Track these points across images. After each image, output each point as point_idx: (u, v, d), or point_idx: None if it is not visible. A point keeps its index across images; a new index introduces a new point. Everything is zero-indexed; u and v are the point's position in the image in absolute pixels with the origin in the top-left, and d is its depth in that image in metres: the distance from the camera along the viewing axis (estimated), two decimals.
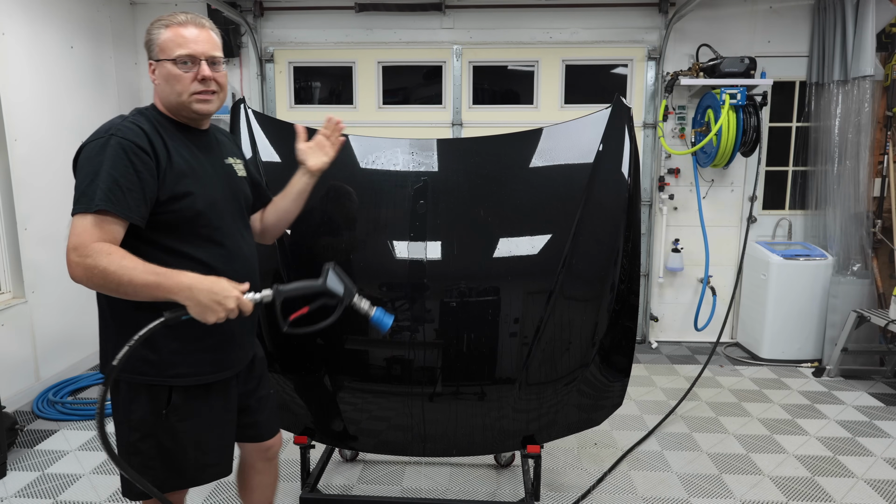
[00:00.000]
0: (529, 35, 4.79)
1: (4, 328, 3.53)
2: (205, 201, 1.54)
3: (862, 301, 4.30)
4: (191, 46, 1.53)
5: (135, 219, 1.42)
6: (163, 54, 1.55)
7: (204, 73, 1.54)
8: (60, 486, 2.79)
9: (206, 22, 1.60)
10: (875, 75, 4.33)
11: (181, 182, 1.50)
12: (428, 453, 2.41)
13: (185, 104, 1.55)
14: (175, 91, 1.54)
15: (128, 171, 1.41)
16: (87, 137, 1.48)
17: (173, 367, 1.54)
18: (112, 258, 1.36)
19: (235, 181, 1.70)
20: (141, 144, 1.44)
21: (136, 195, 1.41)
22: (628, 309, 2.29)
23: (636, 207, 2.28)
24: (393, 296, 2.25)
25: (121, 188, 1.39)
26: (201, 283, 1.38)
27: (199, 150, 1.61)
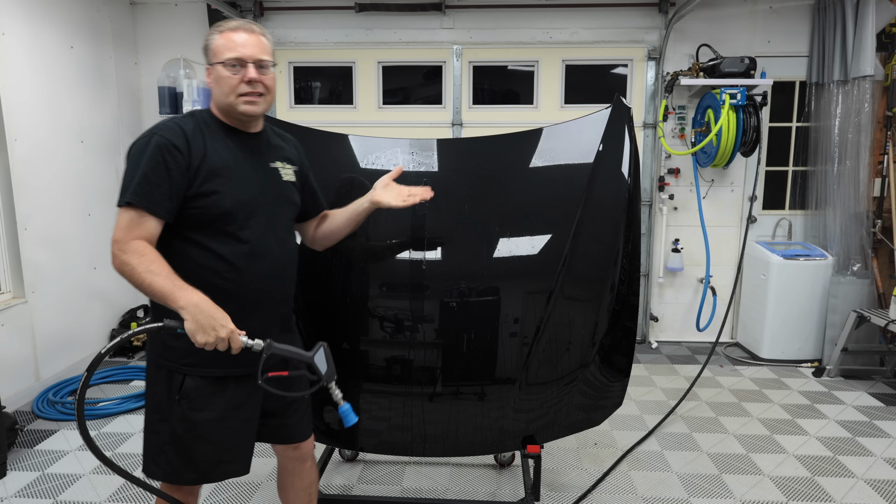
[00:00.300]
0: (529, 35, 4.79)
1: (4, 328, 3.53)
2: (233, 201, 1.60)
3: (862, 301, 4.30)
4: (239, 50, 1.62)
5: (159, 213, 1.52)
6: (215, 58, 1.64)
7: (250, 76, 1.62)
8: (60, 486, 2.79)
9: (256, 27, 1.68)
10: (875, 75, 4.33)
11: (211, 181, 1.57)
12: (428, 453, 2.41)
13: (233, 105, 1.63)
14: (223, 92, 1.63)
15: (159, 169, 1.51)
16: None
17: (189, 355, 1.59)
18: (142, 259, 1.46)
19: (278, 185, 1.74)
20: (176, 143, 1.54)
21: (163, 191, 1.51)
22: (628, 309, 2.29)
23: (636, 207, 2.28)
24: (393, 296, 2.25)
25: (150, 184, 1.50)
26: (207, 306, 1.45)
27: (243, 152, 1.68)
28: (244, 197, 1.63)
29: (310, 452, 1.96)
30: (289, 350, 1.55)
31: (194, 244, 1.60)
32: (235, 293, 1.62)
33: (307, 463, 1.96)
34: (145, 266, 1.45)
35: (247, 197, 1.63)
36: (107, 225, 4.50)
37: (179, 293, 1.45)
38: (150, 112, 4.90)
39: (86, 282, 4.27)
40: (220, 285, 1.59)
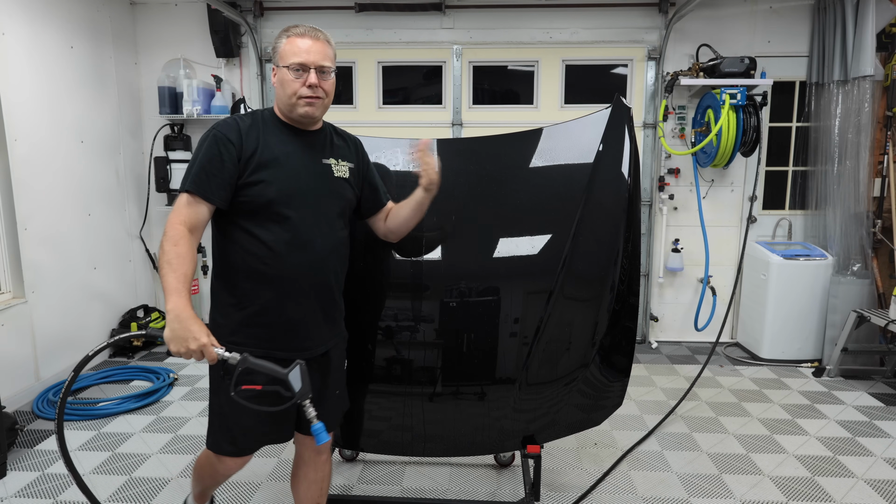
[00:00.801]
0: (529, 35, 4.79)
1: (4, 328, 3.53)
2: (279, 191, 1.72)
3: (862, 301, 4.30)
4: (303, 56, 1.74)
5: (214, 200, 1.68)
6: (281, 61, 1.77)
7: (311, 81, 1.74)
8: (60, 486, 2.79)
9: (321, 35, 1.80)
10: (875, 75, 4.33)
11: (259, 172, 1.71)
12: (428, 453, 2.41)
13: (293, 106, 1.76)
14: (286, 93, 1.76)
15: (215, 159, 1.67)
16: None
17: (234, 333, 1.75)
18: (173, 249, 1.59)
19: (329, 179, 1.84)
20: (230, 137, 1.70)
21: (219, 180, 1.67)
22: (628, 309, 2.29)
23: (636, 207, 2.28)
24: (392, 296, 2.25)
25: (206, 173, 1.67)
26: (186, 318, 1.54)
27: (297, 148, 1.80)
28: (290, 188, 1.74)
29: (327, 447, 2.02)
30: (264, 366, 1.59)
31: (242, 230, 1.73)
32: (275, 279, 1.74)
33: (323, 456, 2.03)
34: (168, 255, 1.58)
35: (293, 188, 1.74)
36: (107, 225, 4.51)
37: (171, 297, 1.56)
38: (150, 112, 4.90)
39: (86, 282, 4.27)
40: (261, 270, 1.73)
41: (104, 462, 3.00)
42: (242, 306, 1.76)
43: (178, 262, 1.58)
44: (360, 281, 2.20)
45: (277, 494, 2.71)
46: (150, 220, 5.01)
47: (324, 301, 1.85)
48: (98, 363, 4.41)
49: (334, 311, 1.91)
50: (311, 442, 1.95)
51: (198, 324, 1.56)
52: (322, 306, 1.84)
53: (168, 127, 4.85)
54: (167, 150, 4.80)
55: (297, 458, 2.06)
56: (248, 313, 1.76)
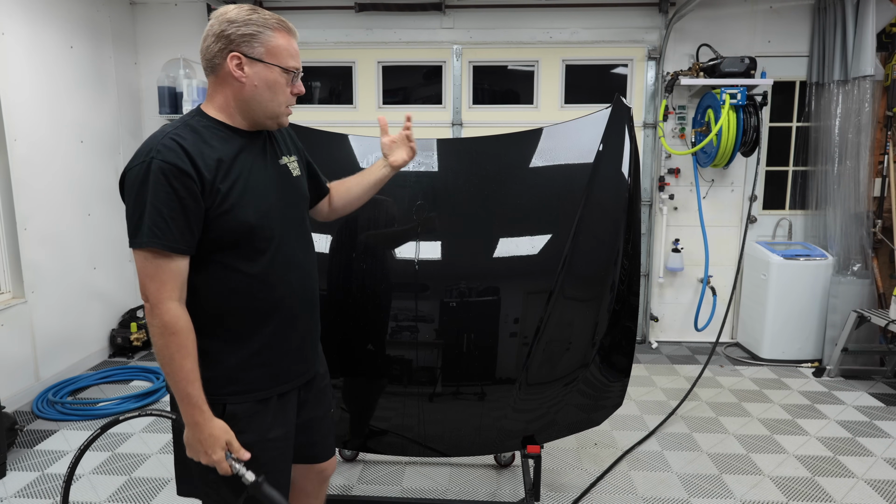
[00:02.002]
0: (529, 35, 4.79)
1: (4, 328, 3.53)
2: (256, 212, 1.44)
3: (862, 301, 4.30)
4: (298, 60, 1.51)
5: (182, 249, 1.36)
6: (272, 59, 1.44)
7: (300, 90, 1.53)
8: (60, 486, 2.79)
9: None
10: (875, 75, 4.33)
11: (229, 197, 1.40)
12: (428, 454, 2.41)
13: (276, 115, 1.50)
14: (275, 100, 1.47)
15: (170, 200, 1.32)
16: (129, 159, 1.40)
17: (232, 383, 1.49)
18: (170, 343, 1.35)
19: (291, 182, 1.59)
20: (181, 166, 1.33)
21: (180, 224, 1.34)
22: (628, 309, 2.29)
23: (636, 207, 2.27)
24: (392, 296, 2.24)
25: (164, 219, 1.32)
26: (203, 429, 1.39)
27: (251, 155, 1.49)
28: (265, 205, 1.47)
29: (331, 472, 1.85)
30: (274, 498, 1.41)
31: (223, 266, 1.44)
32: (272, 312, 1.51)
33: (325, 484, 1.86)
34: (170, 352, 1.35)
35: (268, 204, 1.48)
36: (106, 225, 4.50)
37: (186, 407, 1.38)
38: (149, 112, 4.90)
39: (85, 282, 4.27)
40: (255, 307, 1.48)
41: (104, 462, 3.00)
42: (236, 349, 1.48)
43: (181, 357, 1.35)
44: (360, 281, 2.20)
45: None
46: None
47: (315, 316, 1.67)
48: (98, 363, 4.41)
49: (319, 328, 1.72)
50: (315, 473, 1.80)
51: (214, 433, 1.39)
52: (315, 323, 1.67)
53: None
54: None
55: (298, 491, 1.81)
56: (244, 356, 1.49)
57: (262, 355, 1.52)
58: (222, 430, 1.41)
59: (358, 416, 2.32)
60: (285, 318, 1.54)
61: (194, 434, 1.39)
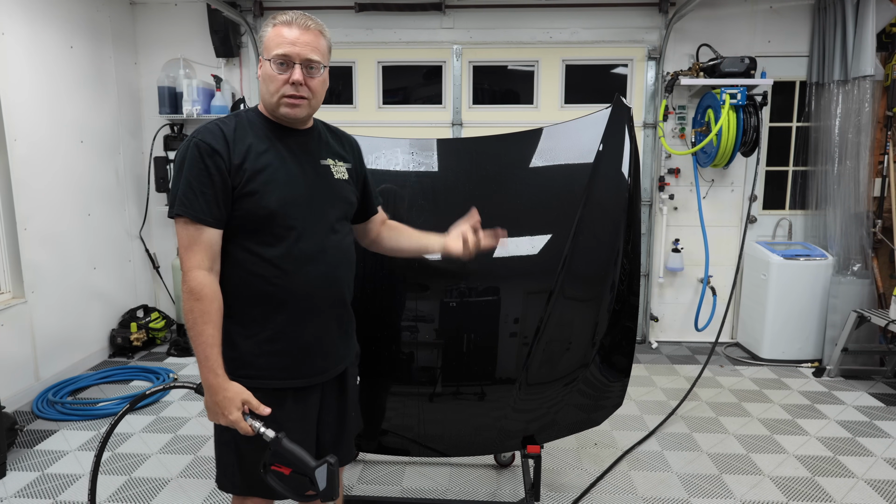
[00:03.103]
0: (529, 35, 4.79)
1: (4, 328, 3.53)
2: (279, 200, 1.51)
3: (862, 301, 4.30)
4: (287, 47, 1.50)
5: (208, 221, 1.46)
6: (265, 53, 1.54)
7: (295, 77, 1.51)
8: (60, 486, 2.79)
9: (312, 24, 1.55)
10: (875, 75, 4.33)
11: (254, 181, 1.49)
12: (428, 453, 2.41)
13: (275, 105, 1.55)
14: (268, 91, 1.54)
15: (201, 175, 1.45)
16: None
17: (245, 366, 1.55)
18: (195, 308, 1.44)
19: (330, 182, 1.63)
20: (214, 146, 1.47)
21: (209, 198, 1.45)
22: (628, 309, 2.29)
23: (636, 207, 2.27)
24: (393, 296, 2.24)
25: (194, 192, 1.45)
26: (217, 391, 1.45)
27: (290, 150, 1.58)
28: (291, 196, 1.53)
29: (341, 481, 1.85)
30: (295, 453, 1.45)
31: (244, 250, 1.52)
32: (287, 299, 1.55)
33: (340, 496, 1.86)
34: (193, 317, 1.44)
35: (293, 196, 1.53)
36: (106, 225, 4.51)
37: (203, 370, 1.45)
38: (149, 112, 4.90)
39: (85, 282, 4.27)
40: (270, 293, 1.53)
41: (104, 462, 3.00)
42: (251, 334, 1.55)
43: (203, 323, 1.43)
44: (359, 281, 2.20)
45: None
46: (150, 219, 5.01)
47: (339, 316, 1.68)
48: (98, 363, 4.41)
49: (349, 324, 1.75)
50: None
51: (228, 394, 1.44)
52: (338, 322, 1.67)
53: (168, 127, 4.84)
54: (167, 150, 4.79)
55: None
56: (258, 341, 1.55)
57: (275, 344, 1.56)
58: (238, 391, 1.46)
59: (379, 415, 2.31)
60: (301, 310, 1.57)
61: (212, 396, 1.45)
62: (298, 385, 1.60)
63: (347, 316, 1.74)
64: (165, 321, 4.88)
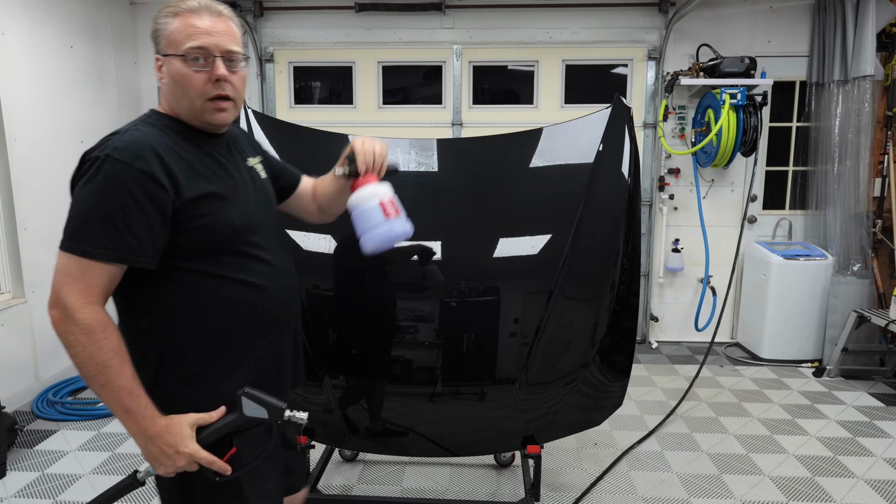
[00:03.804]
0: (529, 35, 4.79)
1: (4, 328, 3.53)
2: (239, 215, 1.30)
3: (862, 301, 4.30)
4: (203, 39, 1.24)
5: (141, 261, 1.19)
6: (170, 48, 1.26)
7: (219, 73, 1.25)
8: (60, 486, 2.79)
9: (223, 9, 1.31)
10: (875, 75, 4.33)
11: (205, 200, 1.25)
12: (428, 453, 2.41)
13: (200, 111, 1.28)
14: (186, 95, 1.26)
15: (130, 203, 1.16)
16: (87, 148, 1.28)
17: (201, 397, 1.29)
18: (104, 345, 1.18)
19: (261, 184, 1.44)
20: (147, 167, 1.17)
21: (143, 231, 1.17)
22: (628, 309, 2.29)
23: (636, 207, 2.27)
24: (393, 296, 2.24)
25: (117, 226, 1.16)
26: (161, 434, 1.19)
27: (221, 158, 1.34)
28: (245, 208, 1.33)
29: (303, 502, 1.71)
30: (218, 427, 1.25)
31: (207, 276, 1.27)
32: (269, 321, 1.36)
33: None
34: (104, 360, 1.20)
35: (249, 207, 1.34)
36: None
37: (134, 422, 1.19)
38: None
39: None
40: (251, 317, 1.32)
41: (104, 462, 3.00)
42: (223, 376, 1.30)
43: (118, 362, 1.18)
44: (359, 282, 2.20)
45: None
46: None
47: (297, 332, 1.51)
48: None
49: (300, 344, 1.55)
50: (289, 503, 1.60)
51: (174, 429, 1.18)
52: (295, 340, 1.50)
53: None
54: None
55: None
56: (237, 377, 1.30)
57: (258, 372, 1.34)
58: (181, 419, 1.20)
59: (356, 416, 2.32)
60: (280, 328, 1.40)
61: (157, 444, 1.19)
62: None
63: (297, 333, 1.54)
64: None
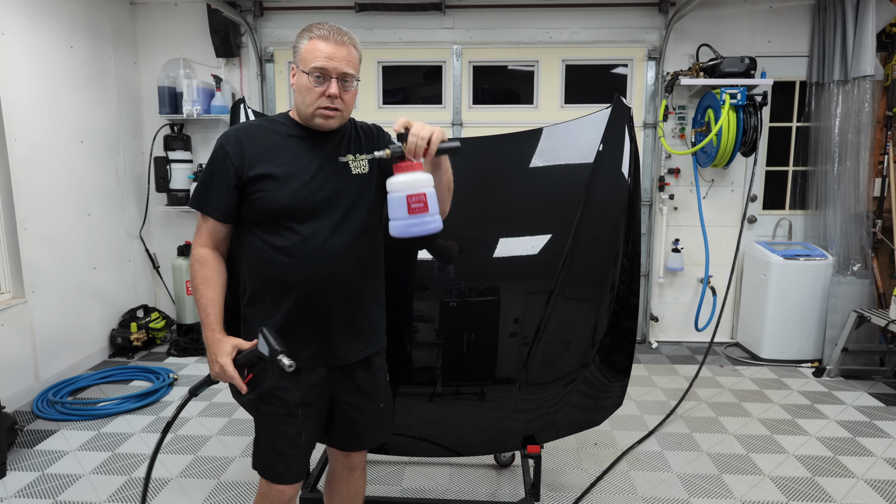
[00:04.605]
0: (529, 35, 4.79)
1: (4, 328, 3.53)
2: (288, 199, 1.62)
3: (862, 301, 4.30)
4: (325, 62, 1.61)
5: (213, 214, 1.64)
6: (301, 64, 1.63)
7: (331, 91, 1.61)
8: (60, 486, 2.79)
9: (347, 38, 1.67)
10: (875, 75, 4.33)
11: (261, 183, 1.62)
12: (428, 453, 2.41)
13: (309, 116, 1.65)
14: (304, 102, 1.64)
15: (214, 173, 1.64)
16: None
17: None
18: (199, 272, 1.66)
19: (346, 179, 1.70)
20: (227, 148, 1.63)
21: (216, 194, 1.64)
22: (628, 309, 2.29)
23: (636, 207, 2.28)
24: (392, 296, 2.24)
25: (205, 186, 1.65)
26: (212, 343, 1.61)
27: (311, 151, 1.68)
28: (302, 194, 1.63)
29: (360, 463, 1.95)
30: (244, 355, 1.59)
31: (259, 239, 1.66)
32: (293, 288, 1.65)
33: (355, 473, 1.95)
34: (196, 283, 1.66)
35: (305, 194, 1.64)
36: (106, 225, 4.51)
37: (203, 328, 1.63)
38: (149, 112, 4.90)
39: (86, 282, 4.27)
40: (278, 278, 1.65)
41: (104, 462, 3.00)
42: (264, 318, 1.67)
43: (204, 287, 1.63)
44: None
45: None
46: (150, 220, 5.01)
47: (350, 311, 1.72)
48: (98, 363, 4.41)
49: (363, 321, 1.76)
50: (343, 457, 1.91)
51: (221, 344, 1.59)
52: (347, 317, 1.72)
53: (168, 127, 4.85)
54: (167, 150, 4.80)
55: (330, 473, 1.99)
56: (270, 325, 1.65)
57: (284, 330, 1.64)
58: (229, 340, 1.60)
59: None
60: (307, 301, 1.66)
61: (209, 349, 1.61)
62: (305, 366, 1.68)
63: (362, 314, 1.76)
64: (165, 321, 4.88)
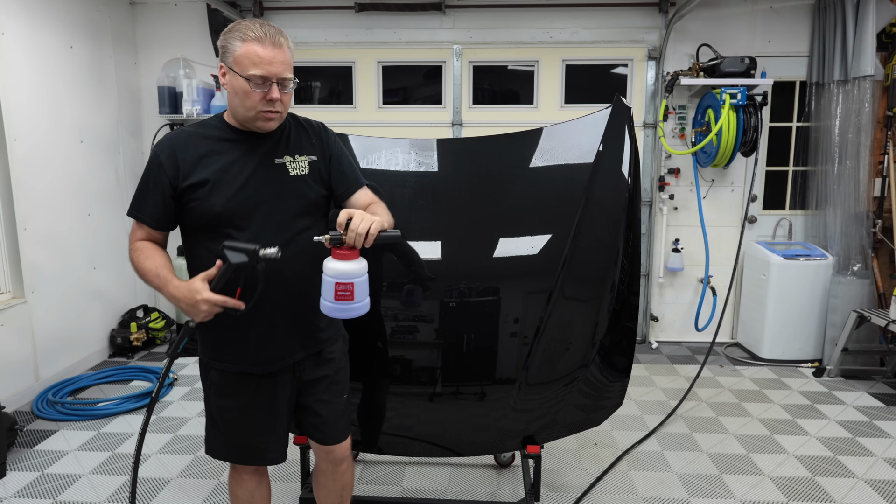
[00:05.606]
0: (529, 35, 4.79)
1: (4, 328, 3.53)
2: (224, 205, 1.62)
3: (862, 301, 4.30)
4: (265, 68, 1.56)
5: (147, 221, 1.66)
6: (236, 67, 1.58)
7: (272, 96, 1.59)
8: (60, 486, 2.79)
9: (282, 39, 1.61)
10: (875, 75, 4.32)
11: (197, 190, 1.62)
12: (428, 453, 2.41)
13: (251, 119, 1.63)
14: (244, 105, 1.61)
15: (148, 181, 1.65)
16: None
17: (213, 350, 1.76)
18: (137, 255, 1.65)
19: (282, 181, 1.69)
20: (162, 159, 1.63)
21: (149, 201, 1.65)
22: (628, 309, 2.29)
23: (636, 207, 2.28)
24: (392, 296, 2.24)
25: (140, 194, 1.66)
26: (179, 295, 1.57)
27: (246, 154, 1.67)
28: (234, 201, 1.63)
29: (343, 456, 1.95)
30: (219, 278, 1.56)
31: (201, 247, 1.68)
32: None
33: (341, 466, 1.97)
34: (138, 262, 1.65)
35: (238, 200, 1.63)
36: (106, 225, 4.50)
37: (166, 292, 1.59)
38: (149, 112, 4.89)
39: (85, 282, 4.27)
40: None
41: (104, 462, 3.00)
42: (215, 324, 1.64)
43: (147, 261, 1.63)
44: None
45: (280, 495, 2.71)
46: None
47: (300, 308, 1.74)
48: (98, 363, 4.41)
49: (315, 317, 1.75)
50: (325, 452, 1.93)
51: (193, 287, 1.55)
52: (297, 315, 1.74)
53: (168, 127, 4.84)
54: None
55: (316, 468, 2.01)
56: (219, 332, 1.71)
57: (233, 333, 1.71)
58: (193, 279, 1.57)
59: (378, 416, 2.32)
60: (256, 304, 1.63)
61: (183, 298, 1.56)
62: (258, 372, 1.75)
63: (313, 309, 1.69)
64: (165, 321, 4.88)
